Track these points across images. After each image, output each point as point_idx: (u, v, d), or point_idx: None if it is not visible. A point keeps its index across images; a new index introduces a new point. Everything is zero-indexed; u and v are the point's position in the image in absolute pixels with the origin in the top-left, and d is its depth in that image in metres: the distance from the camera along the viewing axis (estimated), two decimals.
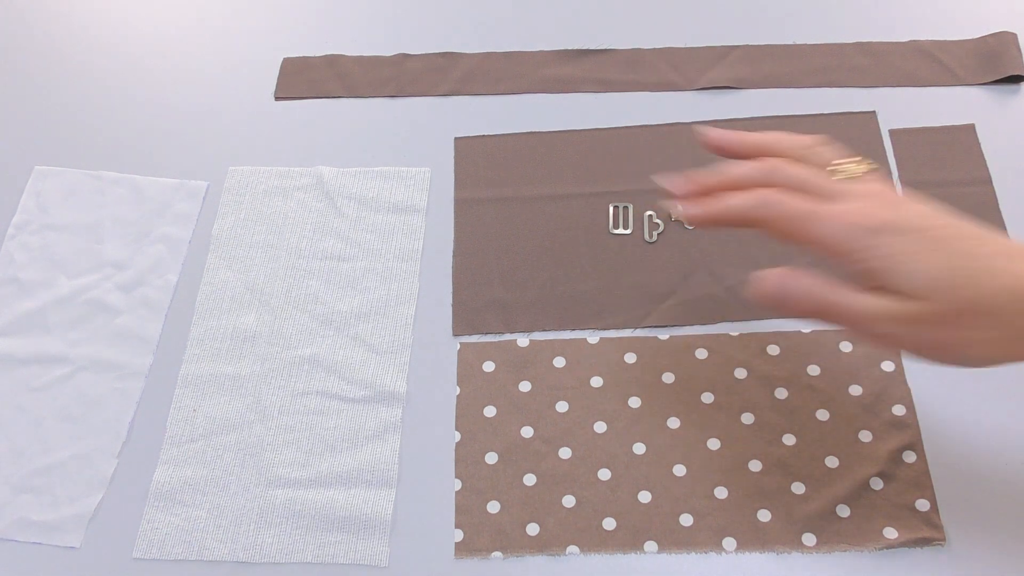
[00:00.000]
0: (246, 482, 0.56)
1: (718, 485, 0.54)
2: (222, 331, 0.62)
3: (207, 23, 0.78)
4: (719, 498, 0.54)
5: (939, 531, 0.52)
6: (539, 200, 0.66)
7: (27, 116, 0.73)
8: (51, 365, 0.61)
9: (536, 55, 0.74)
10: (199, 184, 0.68)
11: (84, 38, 0.77)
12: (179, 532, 0.55)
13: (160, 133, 0.71)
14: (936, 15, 0.73)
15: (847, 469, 0.54)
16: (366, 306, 0.62)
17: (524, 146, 0.69)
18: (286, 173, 0.68)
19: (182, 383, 0.60)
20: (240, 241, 0.65)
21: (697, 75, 0.71)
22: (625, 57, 0.73)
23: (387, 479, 0.56)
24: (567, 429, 0.57)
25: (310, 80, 0.73)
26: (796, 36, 0.73)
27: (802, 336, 0.59)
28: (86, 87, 0.74)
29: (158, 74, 0.75)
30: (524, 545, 0.53)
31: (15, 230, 0.67)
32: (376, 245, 0.65)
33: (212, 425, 0.58)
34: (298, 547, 0.54)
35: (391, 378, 0.59)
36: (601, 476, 0.55)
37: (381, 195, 0.67)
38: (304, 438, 0.58)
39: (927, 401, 0.56)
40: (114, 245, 0.66)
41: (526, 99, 0.71)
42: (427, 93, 0.72)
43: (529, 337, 0.60)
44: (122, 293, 0.64)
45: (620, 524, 0.54)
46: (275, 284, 0.63)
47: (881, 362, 0.58)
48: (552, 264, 0.63)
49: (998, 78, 0.69)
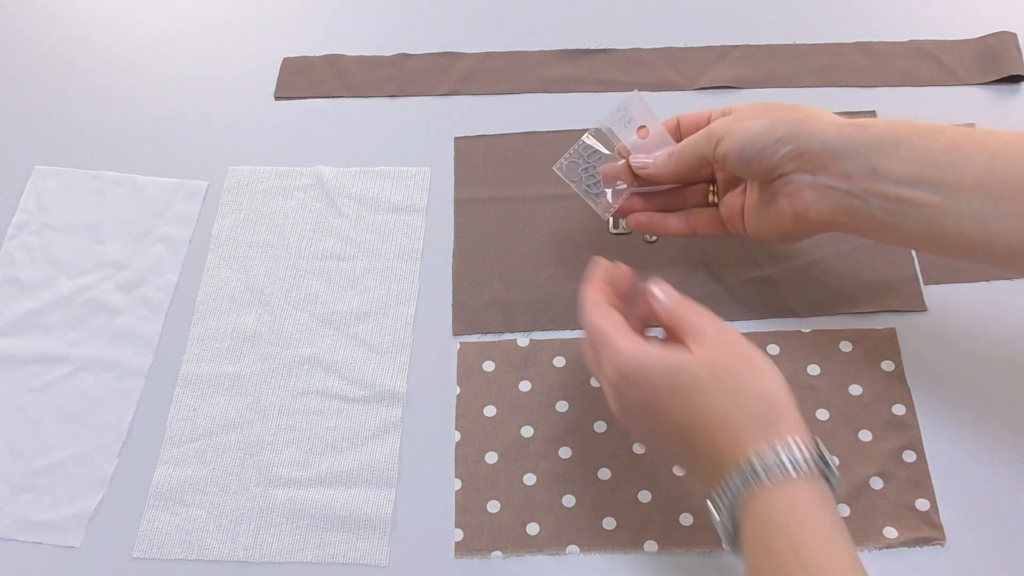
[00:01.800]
0: (246, 482, 0.56)
1: None
2: (222, 331, 0.62)
3: (207, 23, 0.78)
4: None
5: (939, 531, 0.52)
6: (539, 200, 0.66)
7: (27, 116, 0.73)
8: (51, 365, 0.61)
9: (536, 55, 0.74)
10: (199, 184, 0.68)
11: (84, 38, 0.77)
12: (179, 532, 0.55)
13: (160, 133, 0.71)
14: (936, 15, 0.73)
15: (847, 469, 0.54)
16: (366, 306, 0.62)
17: (524, 146, 0.69)
18: (286, 173, 0.68)
19: (182, 383, 0.60)
20: (240, 241, 0.65)
21: (697, 75, 0.71)
22: (625, 57, 0.73)
23: (387, 479, 0.56)
24: (567, 429, 0.57)
25: (310, 80, 0.73)
26: (796, 36, 0.73)
27: (802, 336, 0.59)
28: (86, 87, 0.74)
29: (158, 74, 0.75)
30: (524, 545, 0.53)
31: (15, 230, 0.67)
32: (376, 245, 0.65)
33: (212, 425, 0.58)
34: (298, 547, 0.54)
35: (391, 378, 0.59)
36: (601, 476, 0.55)
37: (381, 195, 0.67)
38: (304, 438, 0.58)
39: (927, 401, 0.56)
40: (114, 245, 0.66)
41: (526, 99, 0.71)
42: (427, 93, 0.72)
43: (529, 337, 0.60)
44: (122, 293, 0.64)
45: (620, 524, 0.54)
46: (275, 284, 0.63)
47: (881, 362, 0.58)
48: (552, 264, 0.63)
49: (998, 78, 0.69)
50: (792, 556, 0.40)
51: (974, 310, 0.59)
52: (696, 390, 0.44)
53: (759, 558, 0.41)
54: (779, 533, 0.41)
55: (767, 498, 0.41)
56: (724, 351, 0.45)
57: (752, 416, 0.43)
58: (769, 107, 0.53)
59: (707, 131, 0.54)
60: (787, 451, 0.42)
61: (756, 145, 0.51)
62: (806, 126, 0.50)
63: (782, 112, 0.52)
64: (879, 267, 0.61)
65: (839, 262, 0.62)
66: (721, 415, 0.43)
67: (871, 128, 0.49)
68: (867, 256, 0.62)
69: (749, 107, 0.54)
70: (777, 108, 0.53)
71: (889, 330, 0.59)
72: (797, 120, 0.51)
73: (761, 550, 0.41)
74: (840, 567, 0.40)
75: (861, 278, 0.61)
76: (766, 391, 0.44)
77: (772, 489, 0.41)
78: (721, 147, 0.53)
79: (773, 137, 0.51)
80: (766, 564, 0.41)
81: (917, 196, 0.48)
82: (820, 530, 0.41)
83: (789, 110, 0.52)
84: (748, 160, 0.52)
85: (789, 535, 0.40)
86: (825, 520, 0.41)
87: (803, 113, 0.52)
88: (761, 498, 0.41)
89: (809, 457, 0.42)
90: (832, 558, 0.40)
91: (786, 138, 0.50)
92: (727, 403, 0.43)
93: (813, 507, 0.41)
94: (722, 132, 0.53)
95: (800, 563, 0.39)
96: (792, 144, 0.50)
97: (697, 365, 0.44)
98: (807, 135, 0.50)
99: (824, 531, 0.40)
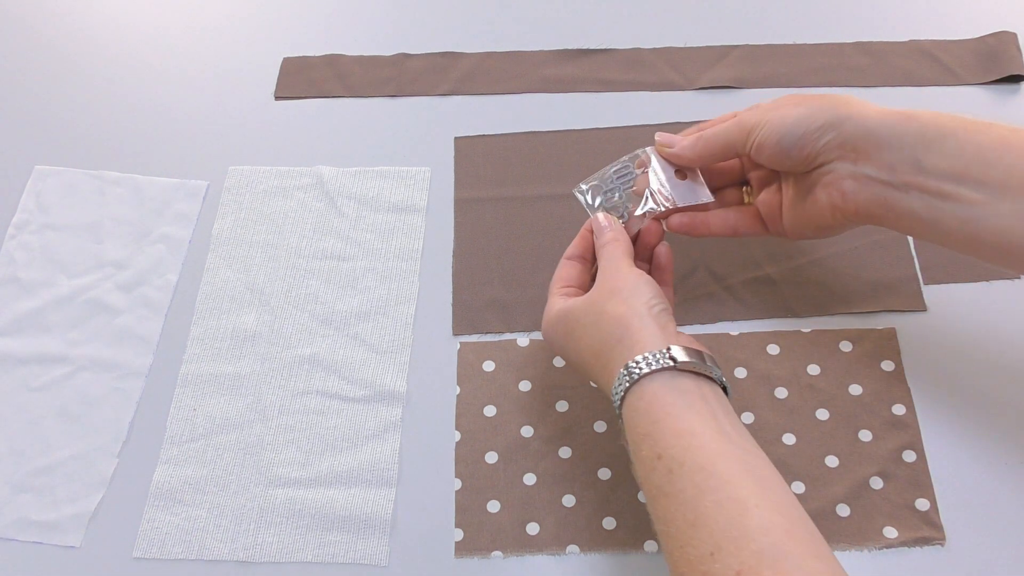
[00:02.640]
0: (246, 481, 0.56)
1: None
2: (222, 331, 0.62)
3: (207, 23, 0.78)
4: None
5: (939, 531, 0.52)
6: (539, 200, 0.66)
7: (27, 116, 0.73)
8: (51, 365, 0.61)
9: (536, 55, 0.74)
10: (199, 184, 0.68)
11: (84, 38, 0.77)
12: (179, 531, 0.55)
13: (160, 133, 0.71)
14: (936, 15, 0.73)
15: (847, 469, 0.54)
16: (366, 306, 0.62)
17: (524, 146, 0.69)
18: (286, 173, 0.68)
19: (182, 383, 0.60)
20: (240, 241, 0.65)
21: (697, 75, 0.71)
22: (625, 57, 0.73)
23: (387, 478, 0.56)
24: (567, 429, 0.57)
25: (310, 80, 0.73)
26: (796, 36, 0.73)
27: (802, 336, 0.59)
28: (86, 87, 0.74)
29: (158, 74, 0.75)
30: (524, 544, 0.53)
31: (15, 230, 0.67)
32: (376, 245, 0.65)
33: (212, 425, 0.58)
34: (298, 546, 0.54)
35: (391, 378, 0.59)
36: (601, 476, 0.55)
37: (381, 195, 0.67)
38: (304, 438, 0.58)
39: (927, 401, 0.56)
40: (114, 245, 0.66)
41: (526, 99, 0.71)
42: (427, 93, 0.72)
43: (529, 337, 0.60)
44: (122, 293, 0.64)
45: (620, 524, 0.54)
46: (275, 284, 0.63)
47: (881, 362, 0.58)
48: (552, 264, 0.63)
49: (998, 78, 0.69)
50: (647, 449, 0.43)
51: (974, 310, 0.59)
52: (577, 329, 0.49)
53: (632, 452, 0.45)
54: (642, 422, 0.44)
55: (629, 401, 0.45)
56: (599, 286, 0.49)
57: (610, 341, 0.47)
58: (804, 96, 0.52)
59: (737, 121, 0.52)
60: (636, 362, 0.45)
61: (796, 132, 0.50)
62: (849, 111, 0.49)
63: (821, 100, 0.50)
64: (879, 267, 0.61)
65: (839, 262, 0.62)
66: (592, 346, 0.48)
67: (917, 118, 0.48)
68: (867, 256, 0.62)
69: (779, 98, 0.52)
70: (813, 96, 0.51)
71: (889, 330, 0.59)
72: (839, 106, 0.49)
73: (632, 445, 0.45)
74: (687, 450, 0.42)
75: (861, 278, 0.61)
76: (617, 313, 0.47)
77: (632, 395, 0.45)
78: (755, 137, 0.51)
79: (815, 124, 0.49)
80: (634, 454, 0.45)
81: (960, 192, 0.46)
82: (667, 416, 0.44)
83: (827, 98, 0.51)
84: (787, 148, 0.50)
85: (649, 417, 0.44)
86: (676, 401, 0.44)
87: (843, 100, 0.50)
88: (627, 403, 0.45)
89: (653, 361, 0.44)
90: (677, 432, 0.43)
91: (828, 125, 0.49)
92: (594, 335, 0.48)
93: (661, 393, 0.44)
94: (754, 121, 0.51)
95: (655, 452, 0.43)
96: (835, 131, 0.49)
97: (580, 306, 0.50)
98: (851, 121, 0.49)
99: (674, 409, 0.44)
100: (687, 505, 0.40)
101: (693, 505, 0.40)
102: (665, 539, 0.41)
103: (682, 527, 0.40)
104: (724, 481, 0.40)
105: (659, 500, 0.42)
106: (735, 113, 0.55)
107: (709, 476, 0.40)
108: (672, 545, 0.41)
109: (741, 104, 0.69)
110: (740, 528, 0.38)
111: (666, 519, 0.41)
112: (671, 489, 0.41)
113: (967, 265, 0.61)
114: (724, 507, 0.39)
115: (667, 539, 0.41)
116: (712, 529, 0.39)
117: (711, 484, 0.40)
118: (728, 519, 0.39)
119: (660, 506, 0.42)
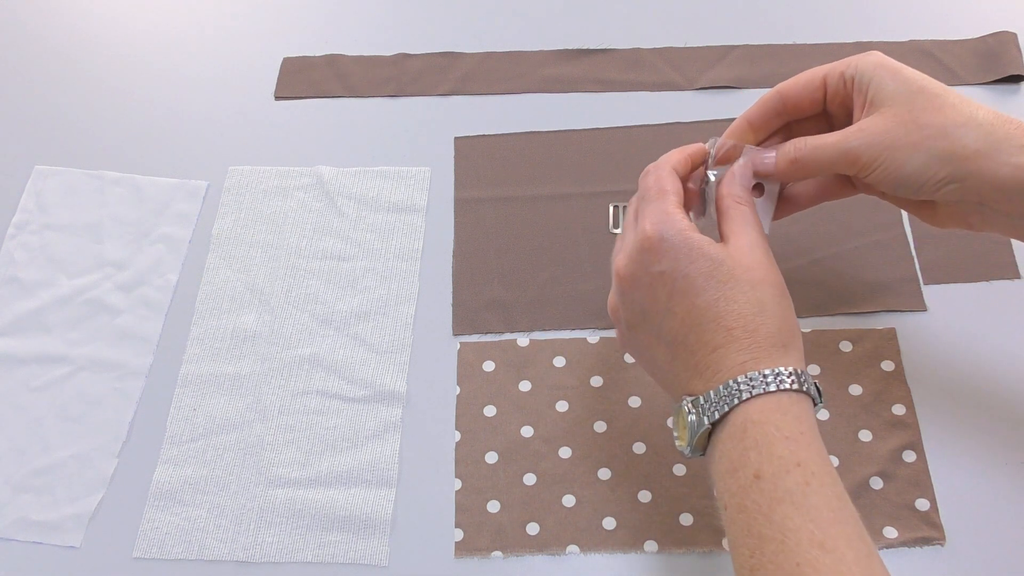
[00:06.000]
0: (246, 482, 0.56)
1: None
2: (222, 331, 0.62)
3: (207, 23, 0.78)
4: None
5: (939, 531, 0.52)
6: (539, 200, 0.66)
7: (27, 116, 0.73)
8: (51, 365, 0.61)
9: (536, 55, 0.74)
10: (199, 184, 0.68)
11: (84, 38, 0.77)
12: (179, 532, 0.55)
13: (160, 133, 0.71)
14: (936, 15, 0.73)
15: (847, 468, 0.54)
16: (366, 306, 0.62)
17: (524, 146, 0.69)
18: (286, 173, 0.68)
19: (182, 383, 0.60)
20: (240, 241, 0.65)
21: (697, 75, 0.71)
22: (625, 57, 0.73)
23: (387, 479, 0.56)
24: (567, 429, 0.57)
25: (310, 80, 0.73)
26: (796, 36, 0.73)
27: (802, 336, 0.59)
28: (86, 87, 0.74)
29: (158, 74, 0.75)
30: (524, 544, 0.53)
31: (15, 230, 0.67)
32: (376, 245, 0.65)
33: (212, 425, 0.58)
34: (298, 547, 0.54)
35: (391, 378, 0.59)
36: (601, 476, 0.55)
37: (381, 195, 0.67)
38: (304, 438, 0.58)
39: (927, 401, 0.56)
40: (114, 245, 0.66)
41: (526, 99, 0.71)
42: (427, 93, 0.72)
43: (529, 337, 0.60)
44: (122, 293, 0.64)
45: (620, 524, 0.54)
46: (275, 284, 0.63)
47: (881, 362, 0.58)
48: (552, 264, 0.63)
49: (998, 78, 0.69)
50: (787, 452, 0.41)
51: (974, 310, 0.59)
52: (732, 285, 0.45)
53: (738, 457, 0.43)
54: (773, 433, 0.42)
55: (761, 402, 0.43)
56: (763, 271, 0.46)
57: (771, 330, 0.45)
58: (919, 125, 0.47)
59: (846, 151, 0.48)
60: (794, 374, 0.44)
61: (913, 185, 0.47)
62: (975, 167, 0.46)
63: (939, 141, 0.46)
64: (879, 267, 0.61)
65: (839, 262, 0.62)
66: (748, 314, 0.45)
67: None
68: (867, 256, 0.62)
69: (893, 115, 0.47)
70: (927, 129, 0.46)
71: (889, 330, 0.59)
72: (962, 158, 0.46)
73: (752, 449, 0.42)
74: (825, 467, 0.42)
75: (861, 278, 0.61)
76: (790, 322, 0.46)
77: (768, 396, 0.43)
78: (866, 176, 0.49)
79: (935, 178, 0.47)
80: (757, 461, 0.42)
81: None
82: (810, 432, 0.43)
83: (943, 135, 0.46)
84: (903, 193, 0.49)
85: (784, 433, 0.42)
86: (813, 426, 0.43)
87: (963, 143, 0.46)
88: (755, 402, 0.43)
89: (804, 380, 0.44)
90: (823, 458, 0.42)
91: (950, 178, 0.46)
92: (754, 308, 0.45)
93: (806, 413, 0.43)
94: (868, 159, 0.48)
95: (796, 459, 0.41)
96: (958, 184, 0.46)
97: (739, 269, 0.46)
98: (976, 178, 0.46)
99: (813, 434, 0.43)
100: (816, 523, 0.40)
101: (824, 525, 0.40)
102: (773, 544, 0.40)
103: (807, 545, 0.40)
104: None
105: (782, 507, 0.41)
106: (824, 77, 0.52)
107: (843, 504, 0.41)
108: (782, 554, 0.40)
109: (741, 104, 0.69)
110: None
111: (786, 528, 0.40)
112: (804, 502, 0.40)
113: (967, 265, 0.61)
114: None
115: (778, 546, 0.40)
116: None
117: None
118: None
119: (780, 513, 0.40)
